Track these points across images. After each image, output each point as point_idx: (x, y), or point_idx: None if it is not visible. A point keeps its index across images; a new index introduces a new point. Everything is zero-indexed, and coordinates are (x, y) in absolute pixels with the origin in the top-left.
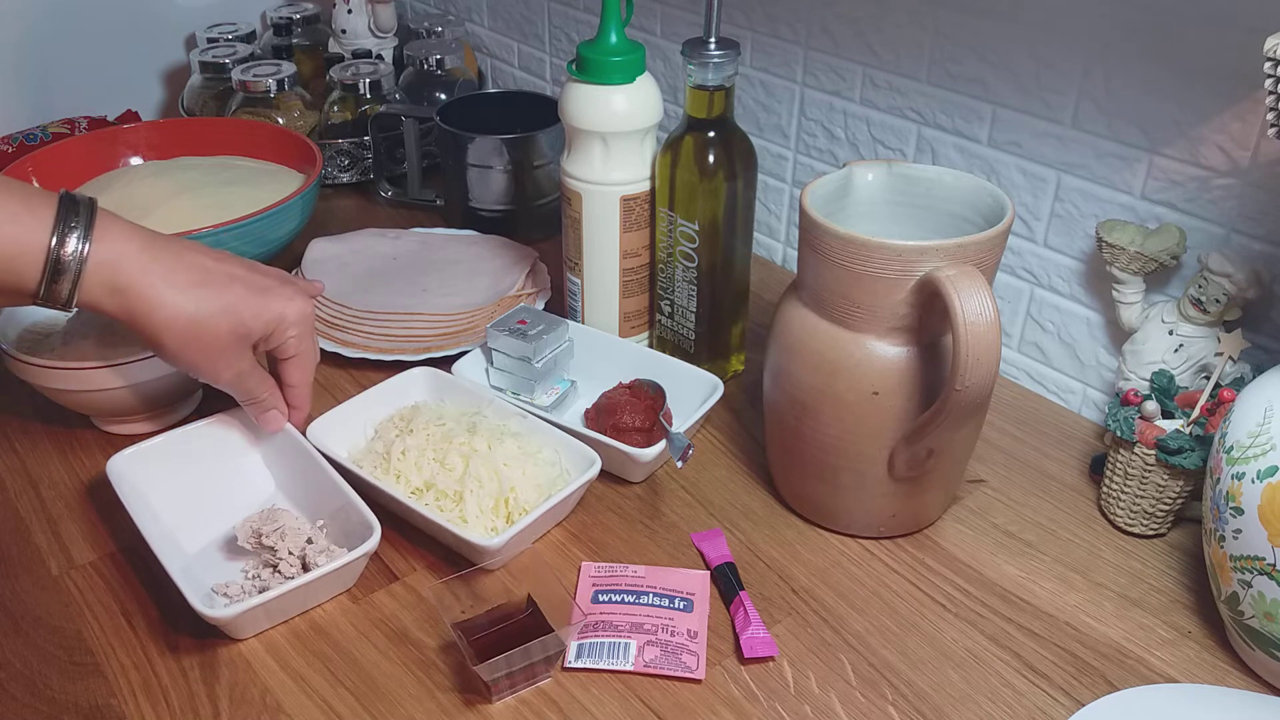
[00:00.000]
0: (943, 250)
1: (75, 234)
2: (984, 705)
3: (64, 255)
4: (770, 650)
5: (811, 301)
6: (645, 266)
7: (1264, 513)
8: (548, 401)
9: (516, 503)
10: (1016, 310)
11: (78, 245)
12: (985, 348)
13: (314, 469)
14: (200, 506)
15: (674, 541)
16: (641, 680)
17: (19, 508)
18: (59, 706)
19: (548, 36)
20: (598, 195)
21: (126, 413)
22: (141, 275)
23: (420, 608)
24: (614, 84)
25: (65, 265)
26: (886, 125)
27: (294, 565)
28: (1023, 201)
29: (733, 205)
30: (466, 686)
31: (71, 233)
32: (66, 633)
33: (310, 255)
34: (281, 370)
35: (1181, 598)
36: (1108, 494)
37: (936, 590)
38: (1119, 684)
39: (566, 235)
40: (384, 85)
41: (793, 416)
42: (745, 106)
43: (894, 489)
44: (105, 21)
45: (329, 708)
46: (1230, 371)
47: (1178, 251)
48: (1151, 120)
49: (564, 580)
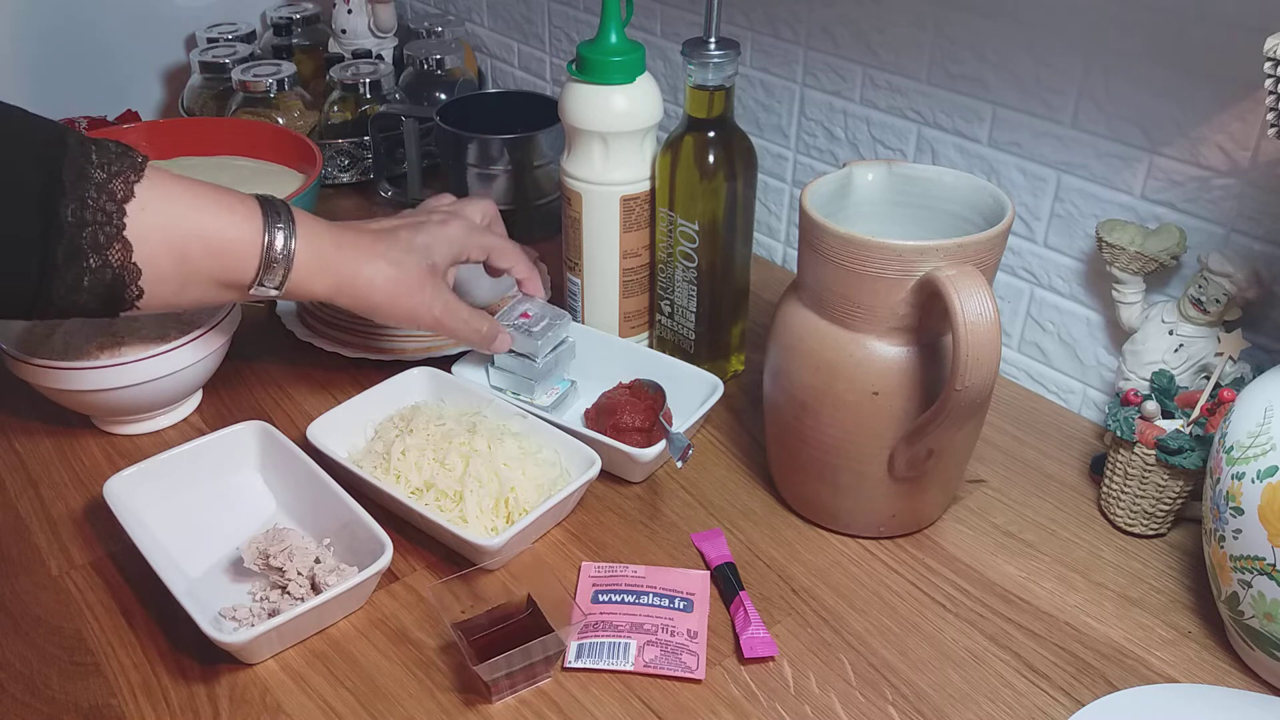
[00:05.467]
0: (943, 250)
1: (282, 232)
2: (984, 705)
3: (275, 252)
4: (770, 650)
5: (811, 301)
6: (645, 266)
7: (1264, 513)
8: (548, 401)
9: (516, 503)
10: (1016, 310)
11: (286, 241)
12: (985, 348)
13: (317, 486)
14: (200, 527)
15: (674, 541)
16: (641, 680)
17: (19, 508)
18: (59, 706)
19: (548, 36)
20: (598, 195)
21: (126, 413)
22: (339, 256)
23: (420, 608)
24: (614, 84)
25: (277, 259)
26: (886, 125)
27: (303, 586)
28: (1023, 201)
29: (733, 205)
30: (466, 686)
31: (279, 231)
32: (66, 633)
33: None
34: (498, 269)
35: (1181, 598)
36: (1108, 494)
37: (936, 590)
38: (1119, 684)
39: (566, 235)
40: (384, 85)
41: (793, 416)
42: (745, 106)
43: (894, 489)
44: (105, 21)
45: (329, 708)
46: (1230, 371)
47: (1178, 251)
48: (1151, 120)
49: (564, 580)
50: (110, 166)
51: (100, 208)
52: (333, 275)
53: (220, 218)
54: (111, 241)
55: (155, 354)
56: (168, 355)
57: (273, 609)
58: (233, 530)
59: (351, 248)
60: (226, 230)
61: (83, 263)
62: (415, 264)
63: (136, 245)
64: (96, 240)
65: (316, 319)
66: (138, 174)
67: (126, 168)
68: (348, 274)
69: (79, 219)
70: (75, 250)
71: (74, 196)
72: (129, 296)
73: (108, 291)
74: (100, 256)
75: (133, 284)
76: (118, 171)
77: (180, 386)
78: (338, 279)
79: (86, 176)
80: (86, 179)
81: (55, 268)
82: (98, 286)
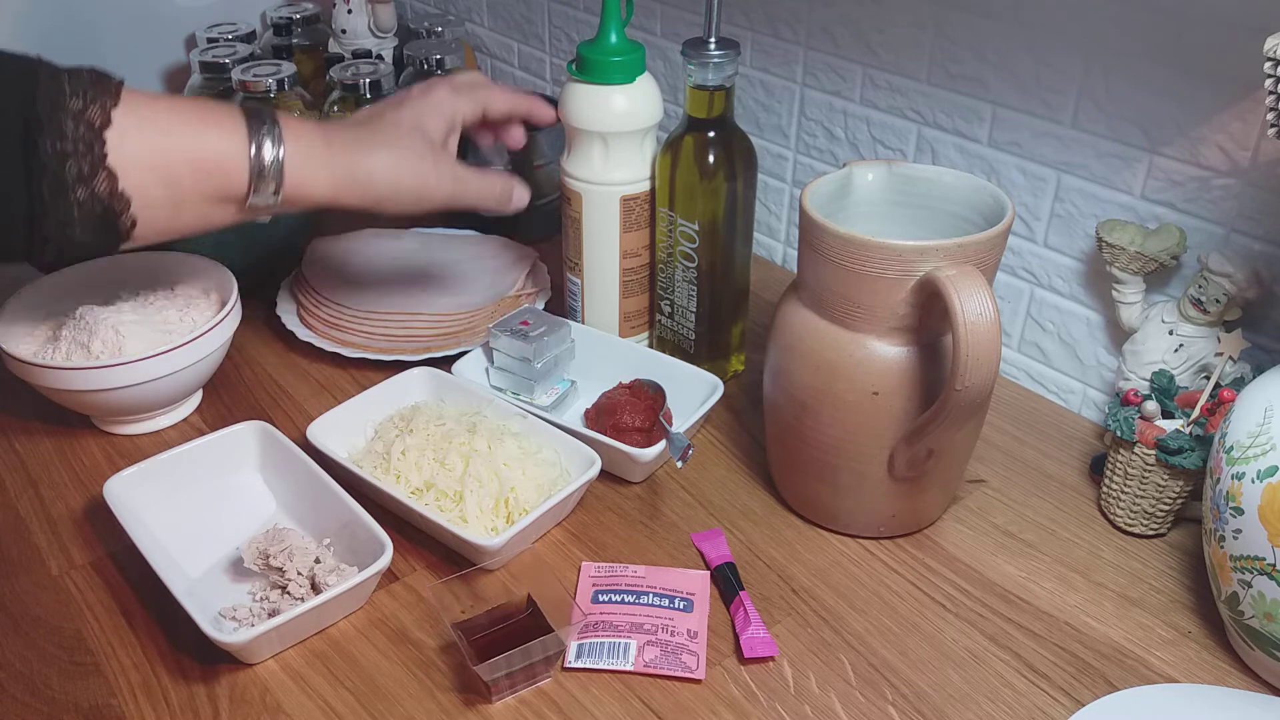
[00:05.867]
0: (943, 250)
1: (269, 140)
2: (984, 705)
3: (264, 161)
4: (770, 650)
5: (811, 301)
6: (645, 266)
7: (1264, 513)
8: (548, 401)
9: (516, 503)
10: (1016, 310)
11: (275, 148)
12: (985, 348)
13: (317, 486)
14: (200, 527)
15: (674, 541)
16: (641, 680)
17: (19, 508)
18: (59, 706)
19: (548, 36)
20: (598, 195)
21: (126, 413)
22: (331, 154)
23: (420, 608)
24: (614, 84)
25: (267, 169)
26: (886, 125)
27: (303, 586)
28: (1023, 201)
29: (733, 205)
30: (466, 686)
31: (265, 139)
32: (66, 633)
33: (310, 255)
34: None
35: (1181, 598)
36: (1108, 494)
37: (936, 590)
38: (1119, 684)
39: (566, 235)
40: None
41: (793, 416)
42: (745, 106)
43: (894, 489)
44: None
45: (329, 708)
46: (1230, 371)
47: (1178, 251)
48: (1151, 120)
49: (564, 580)
50: (85, 94)
51: (80, 138)
52: (329, 175)
53: (204, 135)
54: (95, 172)
55: (155, 354)
56: (168, 355)
57: (273, 609)
58: (233, 530)
59: (342, 144)
60: (211, 146)
61: (69, 196)
62: (411, 143)
63: (121, 174)
64: (80, 172)
65: (317, 319)
66: (114, 99)
67: (101, 93)
68: (344, 170)
69: (59, 151)
70: (60, 185)
71: (51, 130)
72: (123, 227)
73: (100, 224)
74: (86, 188)
75: (124, 214)
76: (93, 99)
77: (180, 386)
78: (335, 178)
79: (61, 107)
80: (61, 109)
81: (43, 204)
82: (89, 220)
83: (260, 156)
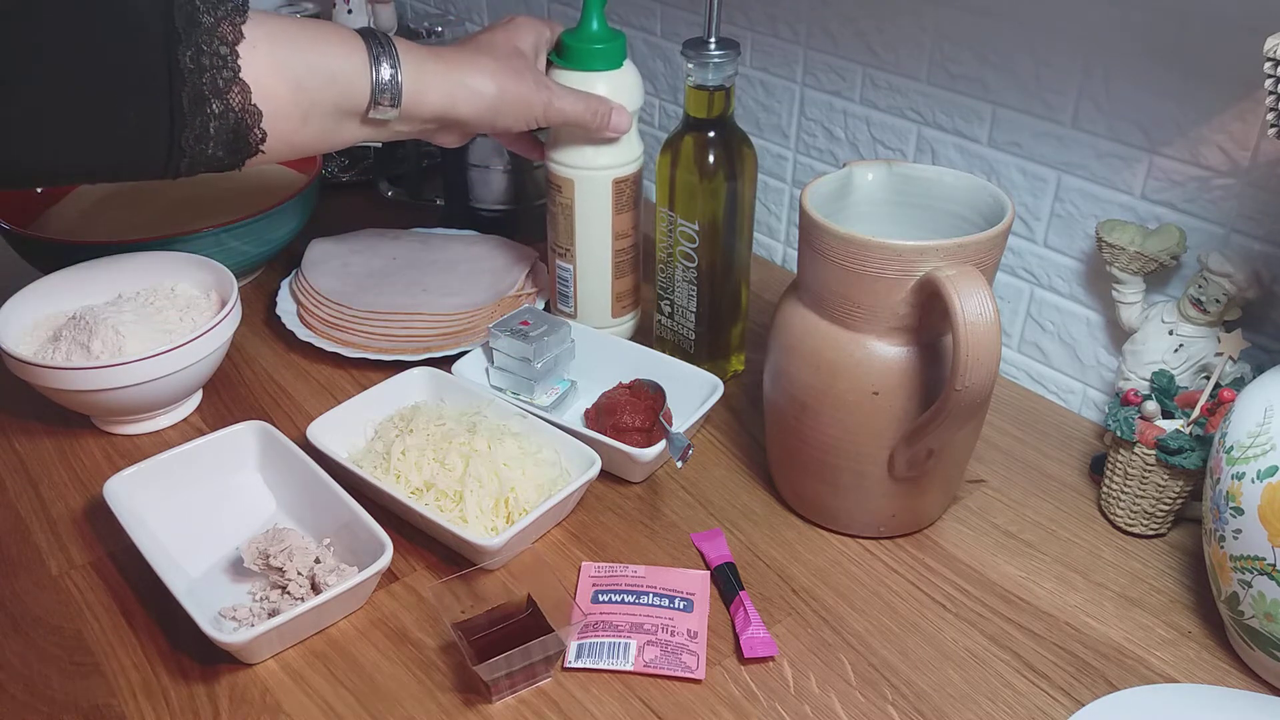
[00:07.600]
0: (943, 250)
1: (387, 60)
2: (984, 705)
3: (383, 79)
4: (770, 650)
5: (811, 301)
6: (634, 246)
7: (1264, 513)
8: (548, 401)
9: (516, 503)
10: (1016, 310)
11: (393, 66)
12: (985, 348)
13: (317, 486)
14: (200, 527)
15: (674, 541)
16: (641, 680)
17: (19, 508)
18: (59, 706)
19: None
20: (589, 180)
21: (126, 413)
22: (442, 69)
23: (420, 608)
24: (597, 70)
25: (385, 85)
26: (886, 125)
27: (303, 586)
28: (1023, 201)
29: (733, 205)
30: (466, 686)
31: (384, 59)
32: (66, 633)
33: (310, 255)
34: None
35: (1181, 598)
36: (1108, 494)
37: (936, 590)
38: (1119, 684)
39: (555, 222)
40: None
41: (793, 416)
42: (745, 106)
43: (894, 489)
44: None
45: (329, 708)
46: (1230, 371)
47: (1178, 251)
48: (1151, 120)
49: (564, 580)
50: (216, 10)
51: (214, 51)
52: (442, 86)
53: (329, 48)
54: (230, 85)
55: (155, 354)
56: (168, 355)
57: (273, 609)
58: (233, 530)
59: (452, 61)
60: (336, 60)
61: (206, 109)
62: (508, 57)
63: (254, 86)
64: (216, 85)
65: (316, 319)
66: (242, 15)
67: (231, 10)
68: (456, 83)
69: (197, 64)
70: (199, 96)
71: (189, 42)
72: (254, 140)
73: (232, 137)
74: (222, 101)
75: (255, 126)
76: (224, 15)
77: (180, 386)
78: (448, 89)
79: (196, 22)
80: (196, 24)
81: (184, 116)
82: (223, 133)
83: (379, 70)
